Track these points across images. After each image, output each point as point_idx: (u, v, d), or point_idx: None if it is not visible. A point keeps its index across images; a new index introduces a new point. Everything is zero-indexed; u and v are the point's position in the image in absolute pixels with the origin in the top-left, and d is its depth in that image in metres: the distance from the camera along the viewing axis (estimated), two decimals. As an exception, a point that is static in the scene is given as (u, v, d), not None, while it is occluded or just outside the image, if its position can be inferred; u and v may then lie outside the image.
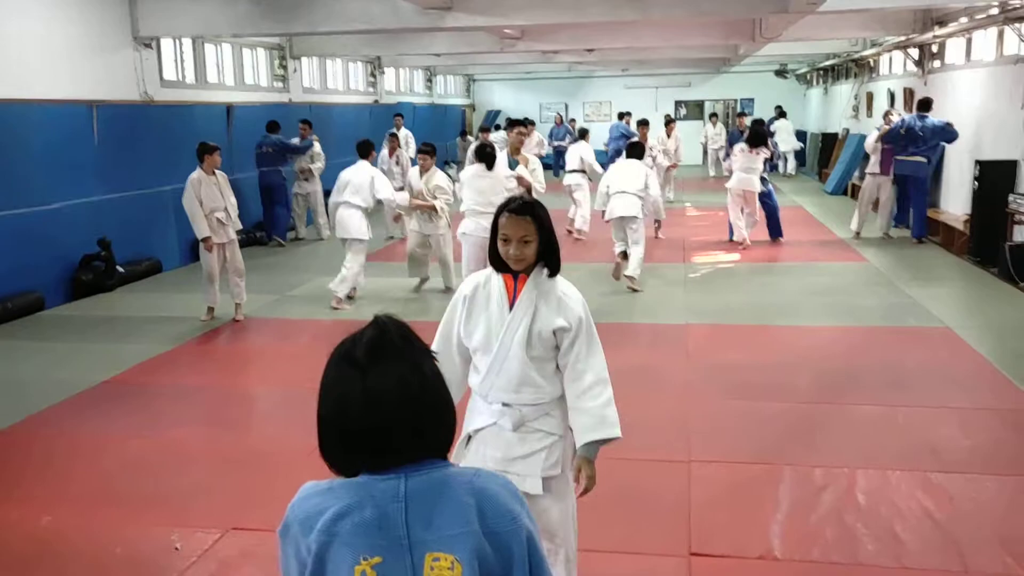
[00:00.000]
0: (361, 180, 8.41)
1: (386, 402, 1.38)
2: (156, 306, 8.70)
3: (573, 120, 23.78)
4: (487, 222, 7.26)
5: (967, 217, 10.33)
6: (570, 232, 12.06)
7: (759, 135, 11.28)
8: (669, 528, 3.88)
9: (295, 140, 12.50)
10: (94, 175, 9.45)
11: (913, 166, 10.93)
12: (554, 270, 2.74)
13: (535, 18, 10.11)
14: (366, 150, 8.78)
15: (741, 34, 13.17)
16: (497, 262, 2.71)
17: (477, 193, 7.33)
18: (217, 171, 7.77)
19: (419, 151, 8.69)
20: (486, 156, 7.39)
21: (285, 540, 1.43)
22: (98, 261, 9.20)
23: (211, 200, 7.59)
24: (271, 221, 12.32)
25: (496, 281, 2.73)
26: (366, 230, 8.46)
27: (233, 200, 7.86)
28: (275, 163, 12.12)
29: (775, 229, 11.42)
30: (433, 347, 2.27)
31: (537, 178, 7.91)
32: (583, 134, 13.60)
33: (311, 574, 1.38)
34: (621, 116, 18.01)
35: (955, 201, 11.42)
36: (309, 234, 12.89)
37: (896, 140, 11.01)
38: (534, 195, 7.82)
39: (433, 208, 8.35)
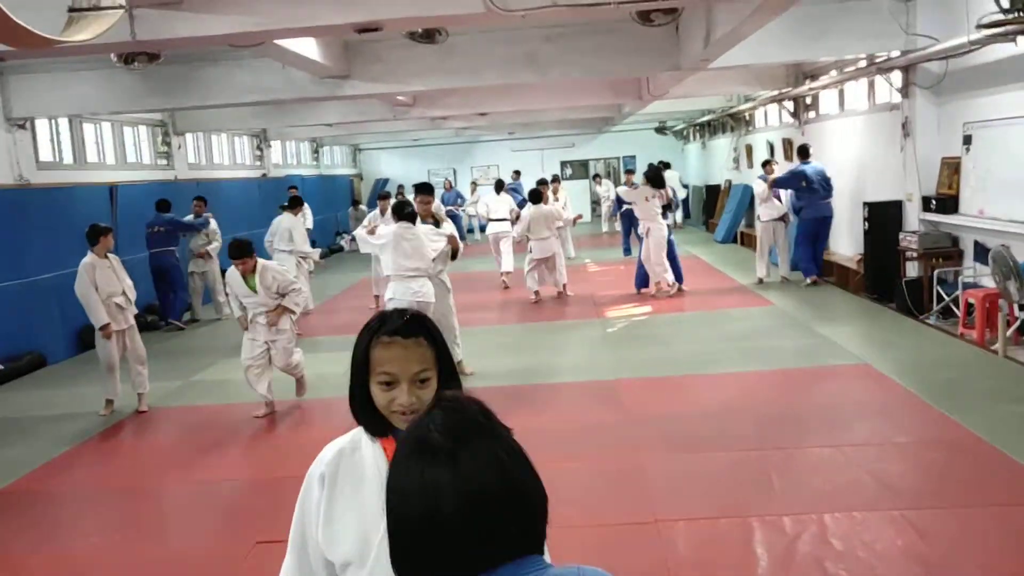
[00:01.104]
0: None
1: (487, 492, 1.14)
2: (45, 404, 7.96)
3: (475, 183, 23.83)
4: (417, 286, 7.13)
5: (860, 256, 10.82)
6: (506, 285, 13.25)
7: (658, 177, 11.63)
8: (654, 596, 3.70)
9: (189, 217, 11.95)
10: (-34, 266, 8.69)
11: (826, 207, 11.39)
12: None
13: (432, 83, 10.07)
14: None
15: (628, 93, 13.58)
16: (370, 419, 1.73)
17: (403, 257, 7.02)
18: (110, 254, 7.27)
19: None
20: (407, 215, 7.15)
21: None
22: (-26, 360, 8.39)
23: (108, 285, 7.06)
24: (165, 304, 11.62)
25: (370, 451, 1.75)
26: None
27: (130, 283, 7.35)
28: (167, 243, 11.49)
29: (677, 275, 11.65)
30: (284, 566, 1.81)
31: (454, 233, 7.80)
32: (500, 185, 15.53)
33: None
34: (516, 175, 18.84)
35: (845, 242, 11.98)
36: (206, 314, 12.24)
37: (796, 187, 11.42)
38: (458, 254, 7.71)
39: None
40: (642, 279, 11.79)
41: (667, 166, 22.27)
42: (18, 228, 9.51)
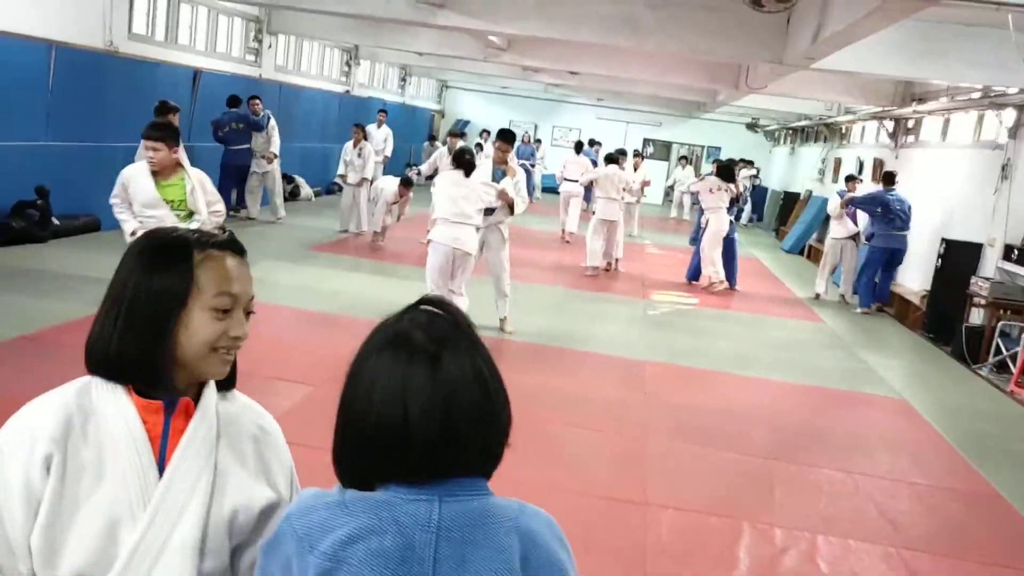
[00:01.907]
0: None
1: (465, 403, 1.10)
2: (89, 264, 8.12)
3: (539, 141, 23.64)
4: (460, 233, 7.02)
5: (925, 293, 10.40)
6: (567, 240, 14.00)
7: (728, 170, 11.36)
8: None
9: (256, 118, 12.05)
10: (43, 119, 8.87)
11: (900, 240, 10.87)
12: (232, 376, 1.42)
13: (527, 28, 9.87)
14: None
15: (725, 80, 13.16)
16: (143, 366, 1.27)
17: (450, 202, 6.85)
18: None
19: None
20: (465, 163, 6.99)
21: (270, 556, 1.14)
22: (32, 209, 8.60)
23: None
24: (227, 199, 11.78)
25: (114, 410, 1.27)
26: None
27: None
28: (244, 140, 11.62)
29: (730, 276, 11.34)
30: None
31: (520, 192, 7.51)
32: (580, 147, 15.95)
33: None
34: (592, 144, 18.37)
35: (913, 275, 11.51)
36: (263, 215, 12.37)
37: (872, 213, 10.93)
38: (516, 211, 7.47)
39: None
40: (695, 271, 11.51)
41: (749, 164, 21.82)
42: (99, 93, 9.67)
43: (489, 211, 7.19)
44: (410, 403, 1.08)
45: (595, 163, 15.64)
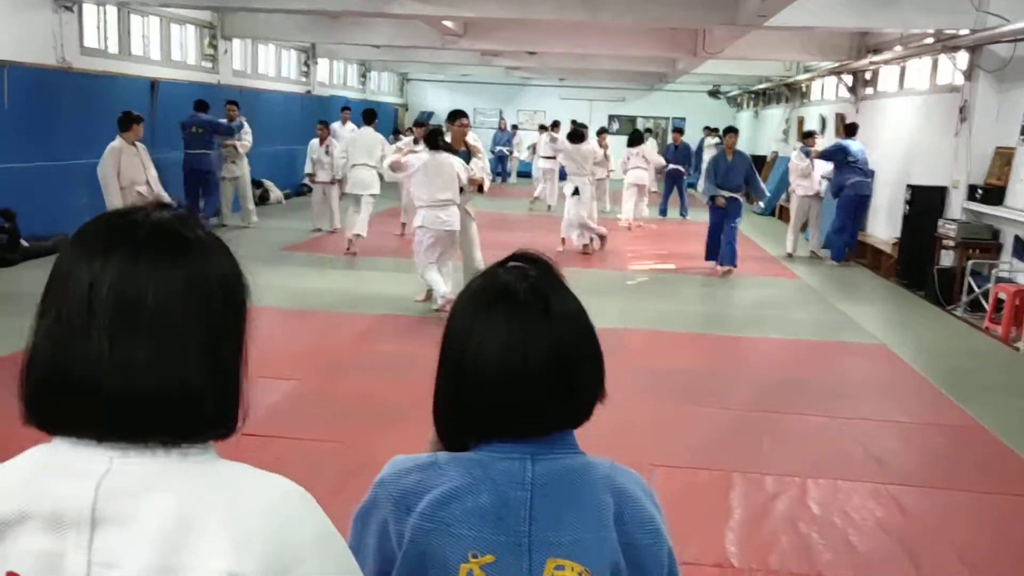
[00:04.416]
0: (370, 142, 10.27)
1: (577, 345, 1.13)
2: (63, 284, 8.08)
3: (516, 127, 23.65)
4: (445, 215, 7.09)
5: (895, 240, 10.55)
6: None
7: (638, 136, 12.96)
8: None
9: (223, 120, 11.95)
10: (1, 141, 8.76)
11: (864, 186, 11.06)
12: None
13: (483, 10, 9.89)
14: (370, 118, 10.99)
15: (683, 47, 13.24)
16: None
17: (433, 185, 6.98)
18: (137, 142, 7.29)
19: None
20: (440, 144, 7.07)
21: (366, 523, 1.14)
22: (0, 233, 8.51)
23: (132, 171, 7.12)
24: (195, 206, 11.68)
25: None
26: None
27: (154, 172, 7.41)
28: (206, 145, 11.47)
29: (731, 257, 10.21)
30: None
31: (485, 168, 7.67)
32: (555, 126, 16.99)
33: (404, 568, 1.09)
34: (554, 126, 18.47)
35: (882, 224, 11.67)
36: (235, 221, 12.30)
37: (839, 163, 11.07)
38: (485, 189, 7.58)
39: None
40: (712, 250, 10.31)
41: (713, 131, 21.95)
42: (56, 111, 9.57)
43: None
44: (530, 352, 1.08)
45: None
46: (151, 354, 0.84)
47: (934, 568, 3.46)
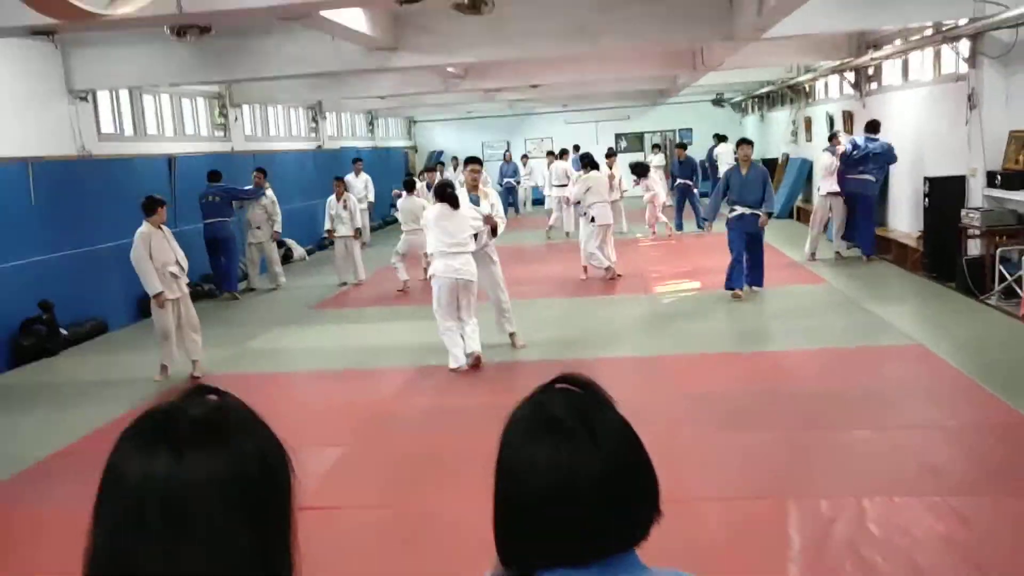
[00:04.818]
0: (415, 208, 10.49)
1: (628, 471, 1.14)
2: (105, 368, 8.25)
3: (525, 156, 23.80)
4: (458, 263, 7.20)
5: (919, 234, 10.49)
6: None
7: (641, 167, 12.33)
8: None
9: (248, 187, 12.20)
10: (32, 234, 8.99)
11: (861, 184, 11.11)
12: None
13: (482, 55, 10.03)
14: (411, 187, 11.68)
15: (682, 64, 13.32)
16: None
17: (444, 234, 7.12)
18: (163, 226, 7.47)
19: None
20: (448, 196, 7.19)
21: None
22: (39, 324, 8.71)
23: (162, 254, 7.26)
24: (219, 273, 11.86)
25: None
26: None
27: (182, 253, 7.55)
28: (221, 213, 11.66)
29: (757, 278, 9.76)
30: None
31: (498, 212, 7.77)
32: (564, 153, 17.91)
33: None
34: (563, 153, 18.69)
35: (904, 219, 11.62)
36: (263, 283, 12.48)
37: (848, 161, 11.16)
38: (499, 232, 7.68)
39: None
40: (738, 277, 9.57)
41: (723, 139, 22.02)
42: (80, 198, 9.81)
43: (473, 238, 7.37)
44: (580, 478, 1.11)
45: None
46: (201, 555, 0.89)
47: (1003, 581, 3.44)
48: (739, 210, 9.44)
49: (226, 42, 9.57)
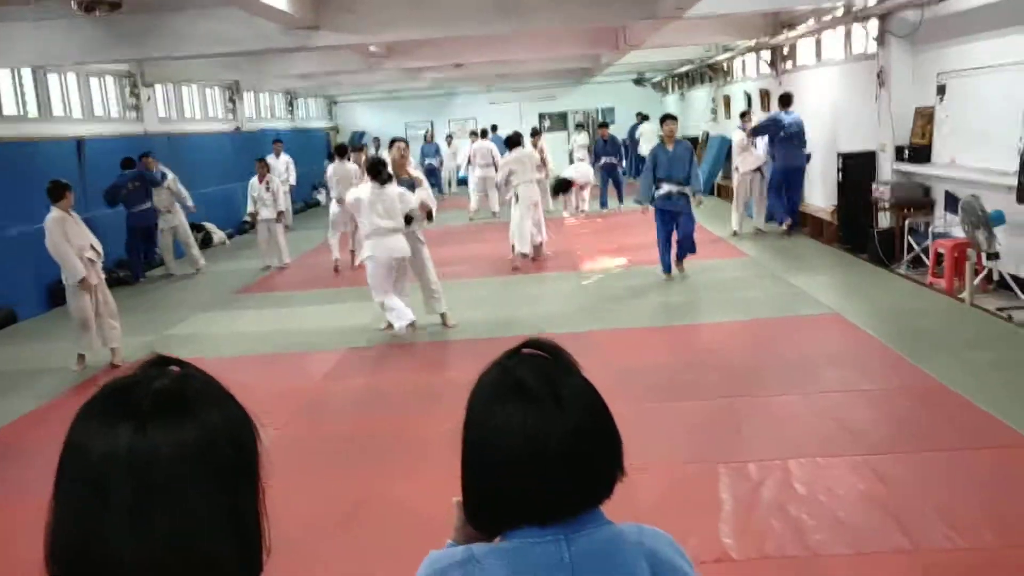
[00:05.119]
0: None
1: (589, 431, 1.16)
2: (16, 359, 7.91)
3: (450, 136, 23.63)
4: (392, 242, 7.15)
5: (834, 207, 10.87)
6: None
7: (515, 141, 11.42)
8: (620, 541, 3.76)
9: (145, 172, 11.83)
10: (-70, 222, 8.53)
11: (796, 157, 11.40)
12: None
13: (405, 34, 9.92)
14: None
15: (605, 43, 13.44)
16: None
17: (377, 216, 7.06)
18: (71, 210, 7.17)
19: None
20: (380, 174, 7.12)
21: None
22: (-58, 316, 8.29)
23: (78, 239, 6.98)
24: (137, 261, 11.51)
25: None
26: None
27: (95, 238, 7.26)
28: (145, 200, 11.35)
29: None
30: None
31: (430, 196, 7.77)
32: (484, 134, 17.89)
33: None
34: (484, 134, 18.75)
35: (819, 193, 12.02)
36: (182, 268, 12.12)
37: (779, 137, 11.39)
38: (434, 217, 7.67)
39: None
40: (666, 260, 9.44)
41: (645, 118, 22.34)
42: (-17, 183, 9.34)
43: (407, 220, 7.31)
44: (548, 441, 1.12)
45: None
46: (171, 526, 0.87)
47: (922, 532, 3.62)
48: (666, 188, 9.15)
49: (138, 19, 9.22)
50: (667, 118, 9.66)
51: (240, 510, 0.93)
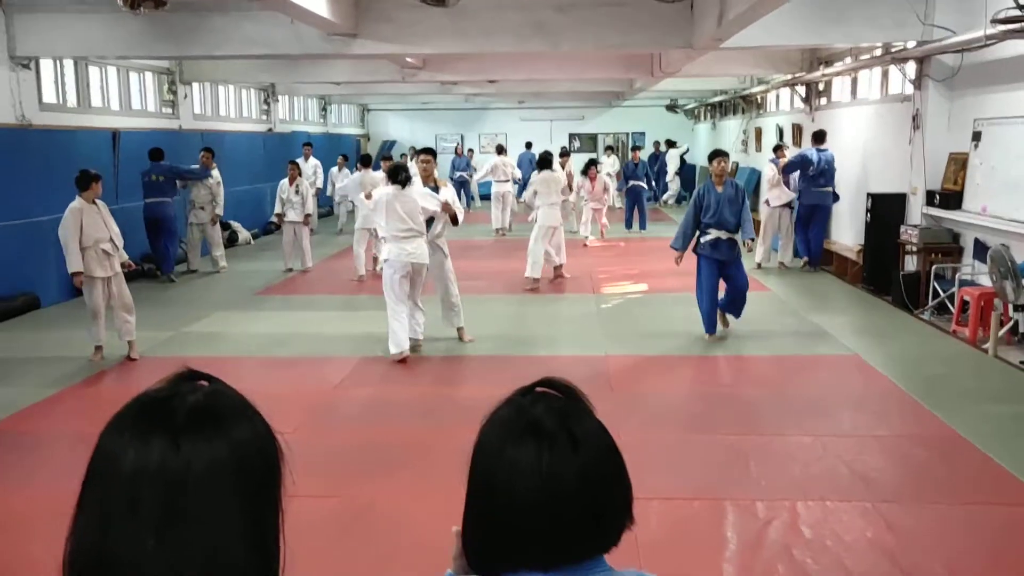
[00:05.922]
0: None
1: (604, 473, 1.14)
2: (35, 345, 7.99)
3: (471, 150, 23.78)
4: (411, 247, 7.15)
5: (860, 247, 10.78)
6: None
7: (545, 161, 11.27)
8: (621, 572, 3.72)
9: (194, 167, 11.93)
10: (-36, 203, 8.67)
11: (821, 196, 11.34)
12: None
13: (442, 47, 9.97)
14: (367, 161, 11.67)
15: (640, 68, 13.44)
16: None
17: (396, 218, 7.04)
18: (97, 200, 7.24)
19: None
20: (400, 179, 7.12)
21: None
22: (-32, 297, 8.41)
23: (95, 230, 7.05)
24: (159, 254, 11.57)
25: None
26: None
27: (117, 230, 7.32)
28: (164, 193, 11.37)
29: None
30: None
31: (455, 202, 7.72)
32: (500, 149, 17.67)
33: None
34: (528, 146, 19.01)
35: (847, 232, 11.93)
36: (203, 266, 12.23)
37: (808, 174, 11.33)
38: (459, 221, 7.65)
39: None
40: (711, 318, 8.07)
41: (672, 144, 22.47)
42: (18, 169, 9.48)
43: (428, 222, 7.32)
44: (560, 484, 1.10)
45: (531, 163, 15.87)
46: (196, 542, 0.88)
47: (927, 586, 3.55)
48: (714, 234, 7.79)
49: (181, 17, 9.36)
50: (717, 154, 8.06)
51: (263, 526, 0.94)
